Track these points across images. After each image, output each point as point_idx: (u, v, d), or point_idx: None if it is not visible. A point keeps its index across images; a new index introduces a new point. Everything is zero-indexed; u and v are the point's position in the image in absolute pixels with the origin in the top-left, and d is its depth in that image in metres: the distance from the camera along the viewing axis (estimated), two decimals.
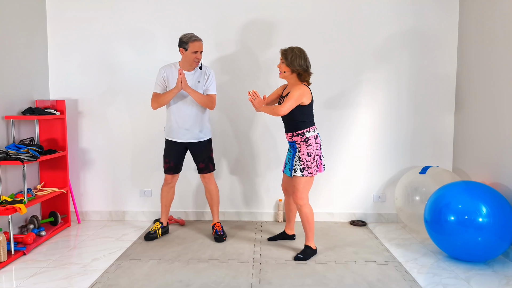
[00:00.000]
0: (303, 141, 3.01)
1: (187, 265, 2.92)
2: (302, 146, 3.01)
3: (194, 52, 3.25)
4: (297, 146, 3.03)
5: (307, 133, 3.01)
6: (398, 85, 3.91)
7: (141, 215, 4.06)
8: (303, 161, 2.99)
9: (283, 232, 3.47)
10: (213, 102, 3.35)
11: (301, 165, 3.00)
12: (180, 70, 3.18)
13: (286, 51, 3.01)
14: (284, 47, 3.07)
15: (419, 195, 3.44)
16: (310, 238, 3.11)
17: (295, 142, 3.05)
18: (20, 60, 3.57)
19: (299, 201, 3.03)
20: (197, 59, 3.29)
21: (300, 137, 3.02)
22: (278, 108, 2.92)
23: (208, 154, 3.45)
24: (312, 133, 3.02)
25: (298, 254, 3.06)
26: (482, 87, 3.45)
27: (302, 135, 3.01)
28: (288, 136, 3.09)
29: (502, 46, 3.17)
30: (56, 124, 3.81)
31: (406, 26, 3.86)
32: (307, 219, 3.05)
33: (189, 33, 3.28)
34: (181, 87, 3.20)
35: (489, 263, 2.97)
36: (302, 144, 3.01)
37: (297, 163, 3.01)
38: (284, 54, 3.01)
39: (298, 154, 3.02)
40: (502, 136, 3.18)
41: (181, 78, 3.17)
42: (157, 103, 3.31)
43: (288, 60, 2.98)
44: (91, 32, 3.92)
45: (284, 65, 3.02)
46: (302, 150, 3.01)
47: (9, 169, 3.42)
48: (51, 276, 2.75)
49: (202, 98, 3.28)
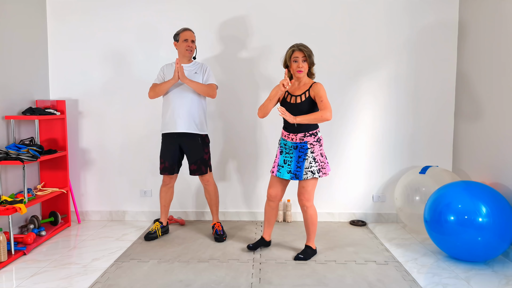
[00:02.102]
0: (316, 141, 2.91)
1: (187, 265, 2.92)
2: (315, 147, 2.91)
3: (185, 40, 3.31)
4: (309, 147, 2.90)
5: (319, 133, 2.94)
6: (398, 85, 3.91)
7: (141, 215, 4.06)
8: (318, 162, 2.90)
9: (262, 238, 3.23)
10: (214, 90, 3.34)
11: (317, 167, 2.90)
12: (177, 60, 3.19)
13: (308, 50, 2.87)
14: (299, 45, 2.89)
15: (419, 195, 3.45)
16: (312, 239, 3.09)
17: (306, 143, 2.90)
18: (21, 60, 3.57)
19: (307, 203, 2.96)
20: (188, 47, 3.32)
21: (313, 137, 2.90)
22: (325, 115, 2.76)
23: (201, 155, 3.38)
24: (320, 133, 2.97)
25: (299, 254, 3.04)
26: (482, 87, 3.45)
27: (315, 134, 2.91)
28: (298, 137, 2.91)
29: (502, 46, 3.17)
30: (56, 124, 3.82)
31: (406, 26, 3.86)
32: (312, 221, 3.02)
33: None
34: (177, 78, 3.21)
35: (489, 263, 2.97)
36: (315, 144, 2.91)
37: (312, 164, 2.89)
38: (309, 54, 2.87)
39: (312, 155, 2.90)
40: (502, 136, 3.18)
41: (178, 69, 3.18)
42: (153, 92, 3.33)
43: (311, 59, 2.88)
44: (91, 32, 3.92)
45: (306, 65, 2.89)
46: (316, 151, 2.90)
47: (9, 169, 3.42)
48: (51, 276, 2.75)
49: (202, 87, 3.28)
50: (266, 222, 3.20)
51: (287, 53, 2.95)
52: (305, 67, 2.89)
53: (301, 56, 2.87)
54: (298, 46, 2.89)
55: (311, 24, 3.88)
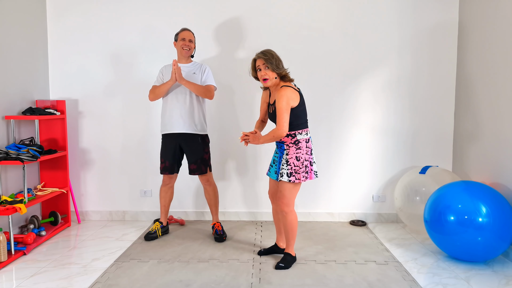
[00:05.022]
0: (293, 143, 2.78)
1: (187, 265, 2.92)
2: (291, 149, 2.78)
3: (182, 39, 3.34)
4: (286, 148, 2.79)
5: (299, 135, 2.78)
6: (398, 84, 3.91)
7: (141, 215, 4.06)
8: (291, 165, 2.75)
9: (275, 245, 3.15)
10: (212, 91, 3.34)
11: (288, 170, 2.76)
12: (174, 61, 3.19)
13: (268, 56, 2.73)
14: (260, 53, 2.78)
15: (419, 195, 3.45)
16: (291, 246, 2.93)
17: (284, 143, 2.81)
18: (20, 60, 3.57)
19: (285, 208, 2.81)
20: (185, 45, 3.34)
21: (290, 138, 2.78)
22: (277, 133, 2.68)
23: (201, 155, 3.39)
24: (303, 136, 2.79)
25: (279, 263, 2.88)
26: (482, 87, 3.45)
27: (293, 136, 2.77)
28: None
29: (502, 46, 3.17)
30: (56, 124, 3.82)
31: (406, 26, 3.86)
32: (291, 227, 2.86)
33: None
34: (175, 79, 3.21)
35: (489, 263, 2.97)
36: (291, 146, 2.78)
37: (284, 166, 2.77)
38: (268, 60, 2.72)
39: (286, 157, 2.77)
40: (502, 136, 3.18)
41: (175, 70, 3.18)
42: (153, 94, 3.35)
43: (274, 65, 2.72)
44: (91, 32, 3.92)
45: (270, 71, 2.74)
46: (291, 153, 2.77)
47: (9, 169, 3.42)
48: (51, 276, 2.75)
49: (199, 88, 3.28)
50: (275, 227, 3.15)
51: (251, 64, 2.86)
52: (270, 74, 2.75)
53: (261, 63, 2.76)
54: (257, 54, 2.80)
55: (311, 24, 3.88)
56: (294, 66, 3.86)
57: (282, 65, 2.80)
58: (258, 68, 2.81)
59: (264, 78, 2.77)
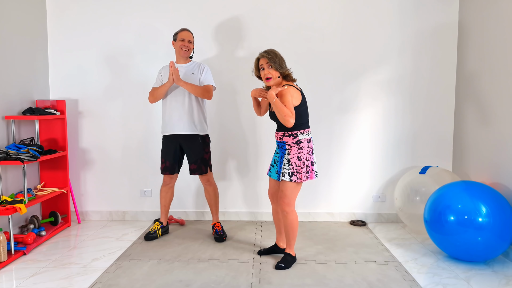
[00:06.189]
0: (294, 142, 2.78)
1: (187, 265, 2.92)
2: (292, 148, 2.78)
3: (181, 39, 3.33)
4: (287, 148, 2.80)
5: (300, 135, 2.78)
6: (398, 85, 3.91)
7: (141, 215, 4.06)
8: (293, 165, 2.76)
9: (275, 245, 3.15)
10: (210, 92, 3.32)
11: (289, 169, 2.76)
12: (171, 62, 3.17)
13: (271, 55, 2.77)
14: (263, 52, 2.81)
15: (419, 195, 3.44)
16: (292, 246, 2.93)
17: (285, 143, 2.82)
18: (20, 60, 3.57)
19: (286, 208, 2.81)
20: (184, 46, 3.33)
21: (292, 138, 2.78)
22: (289, 120, 2.68)
23: (201, 155, 3.39)
24: (305, 136, 2.80)
25: (279, 263, 2.88)
26: (482, 87, 3.45)
27: (295, 136, 2.78)
28: (279, 136, 2.86)
29: (502, 46, 3.17)
30: (56, 124, 3.82)
31: (406, 26, 3.86)
32: (292, 227, 2.85)
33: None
34: (173, 81, 3.20)
35: (489, 263, 2.97)
36: (293, 146, 2.78)
37: (285, 166, 2.78)
38: (272, 59, 2.75)
39: (288, 156, 2.78)
40: (502, 136, 3.18)
41: (172, 71, 3.18)
42: (153, 97, 3.35)
43: (277, 64, 2.75)
44: (91, 32, 3.93)
45: (273, 71, 2.76)
46: (293, 153, 2.77)
47: (9, 169, 3.42)
48: (51, 276, 2.75)
49: (197, 89, 3.26)
50: (275, 227, 3.15)
51: (254, 63, 2.89)
52: (273, 73, 2.77)
53: (265, 62, 2.78)
54: (261, 53, 2.82)
55: (312, 24, 3.88)
56: (294, 66, 3.85)
57: (285, 64, 2.82)
58: (261, 67, 2.83)
59: (267, 77, 2.79)
